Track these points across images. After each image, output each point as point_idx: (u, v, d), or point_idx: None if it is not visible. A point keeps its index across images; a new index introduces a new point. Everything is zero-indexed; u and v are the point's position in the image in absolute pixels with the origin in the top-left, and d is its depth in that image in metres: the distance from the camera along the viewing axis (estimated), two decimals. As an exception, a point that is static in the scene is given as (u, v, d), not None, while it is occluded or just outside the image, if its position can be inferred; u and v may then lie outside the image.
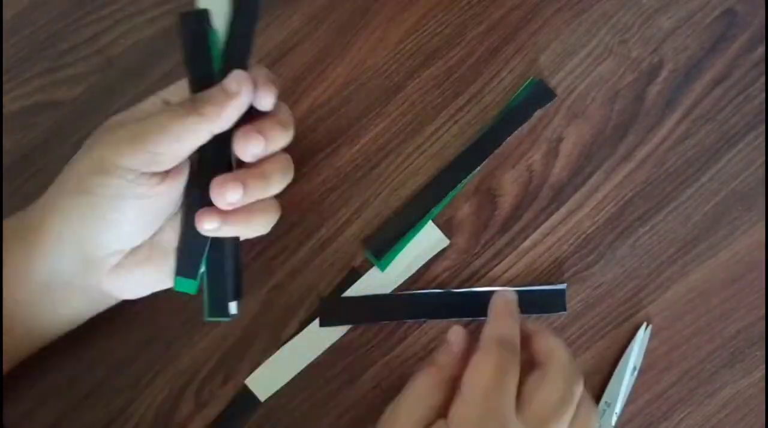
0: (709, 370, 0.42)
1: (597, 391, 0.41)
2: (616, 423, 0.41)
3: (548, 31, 0.44)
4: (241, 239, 0.37)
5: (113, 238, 0.34)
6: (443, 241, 0.42)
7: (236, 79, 0.33)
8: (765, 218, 0.43)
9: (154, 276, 0.37)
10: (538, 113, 0.43)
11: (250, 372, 0.41)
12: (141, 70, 0.44)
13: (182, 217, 0.36)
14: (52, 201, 0.35)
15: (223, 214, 0.34)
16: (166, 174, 0.34)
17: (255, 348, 0.41)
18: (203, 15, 0.34)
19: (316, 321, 0.41)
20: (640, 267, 0.42)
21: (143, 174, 0.33)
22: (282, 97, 0.43)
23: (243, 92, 0.33)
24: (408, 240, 0.42)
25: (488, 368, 0.32)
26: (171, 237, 0.36)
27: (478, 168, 0.43)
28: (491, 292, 0.37)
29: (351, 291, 0.42)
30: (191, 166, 0.36)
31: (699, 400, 0.42)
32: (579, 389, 0.33)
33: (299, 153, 0.43)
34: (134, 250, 0.36)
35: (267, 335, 0.41)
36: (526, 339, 0.35)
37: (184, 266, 0.36)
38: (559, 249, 0.43)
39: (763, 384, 0.42)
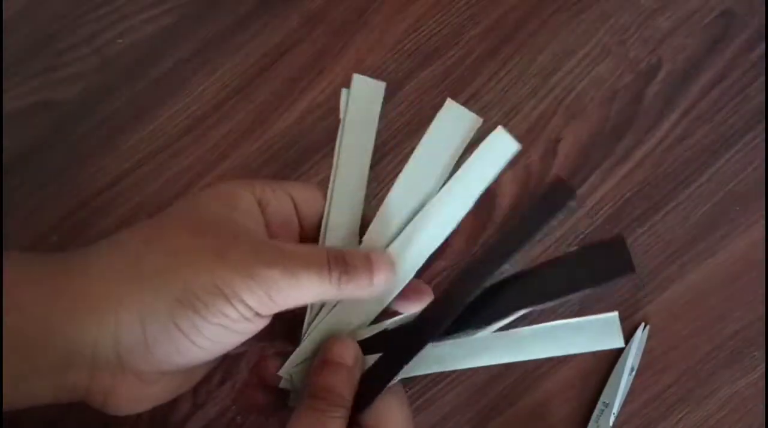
0: (707, 370, 0.42)
1: (595, 391, 0.41)
2: (614, 423, 0.41)
3: (546, 32, 0.44)
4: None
5: (164, 355, 0.26)
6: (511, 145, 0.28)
7: (385, 274, 0.29)
8: (765, 217, 0.43)
9: (155, 392, 0.29)
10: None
11: (248, 373, 0.41)
12: (138, 70, 0.44)
13: None
14: (128, 288, 0.26)
15: None
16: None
17: (253, 349, 0.41)
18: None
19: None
20: (638, 268, 0.42)
21: (254, 312, 0.27)
22: (280, 96, 0.44)
23: (378, 290, 0.29)
24: None
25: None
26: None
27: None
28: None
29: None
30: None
31: (697, 401, 0.42)
32: None
33: (297, 152, 0.43)
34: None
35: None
36: None
37: None
38: (557, 249, 0.42)
39: (761, 384, 0.42)
